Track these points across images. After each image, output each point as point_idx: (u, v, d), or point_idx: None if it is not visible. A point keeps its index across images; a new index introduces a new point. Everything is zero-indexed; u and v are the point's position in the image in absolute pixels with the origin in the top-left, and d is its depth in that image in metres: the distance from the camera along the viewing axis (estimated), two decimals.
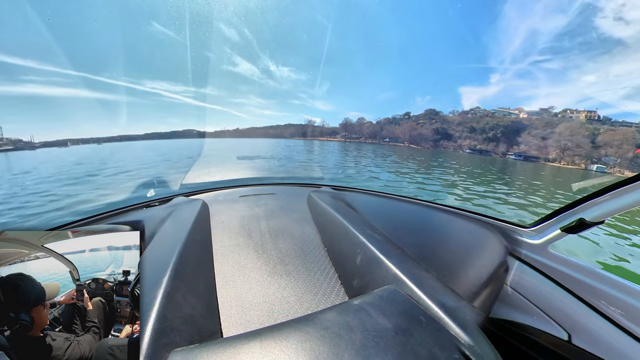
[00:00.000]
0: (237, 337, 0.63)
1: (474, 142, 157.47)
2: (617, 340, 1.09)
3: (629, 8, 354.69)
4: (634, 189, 1.01)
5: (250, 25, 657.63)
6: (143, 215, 1.53)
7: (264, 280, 1.10)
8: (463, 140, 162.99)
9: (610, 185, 1.10)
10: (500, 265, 1.31)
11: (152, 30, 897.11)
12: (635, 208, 1.05)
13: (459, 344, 0.65)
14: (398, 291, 0.84)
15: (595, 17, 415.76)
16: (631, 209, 1.06)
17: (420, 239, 1.44)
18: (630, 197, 1.04)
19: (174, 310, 0.74)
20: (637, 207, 1.04)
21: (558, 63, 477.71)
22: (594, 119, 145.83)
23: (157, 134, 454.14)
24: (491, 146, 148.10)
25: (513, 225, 1.54)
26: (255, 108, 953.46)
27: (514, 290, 1.47)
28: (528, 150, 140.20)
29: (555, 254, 1.35)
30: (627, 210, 1.07)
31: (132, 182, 11.43)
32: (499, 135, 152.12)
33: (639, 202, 1.02)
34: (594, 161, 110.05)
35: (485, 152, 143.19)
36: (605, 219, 1.16)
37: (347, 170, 19.62)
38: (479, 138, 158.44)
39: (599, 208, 1.15)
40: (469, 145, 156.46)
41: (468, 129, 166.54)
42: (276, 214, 1.76)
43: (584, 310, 1.20)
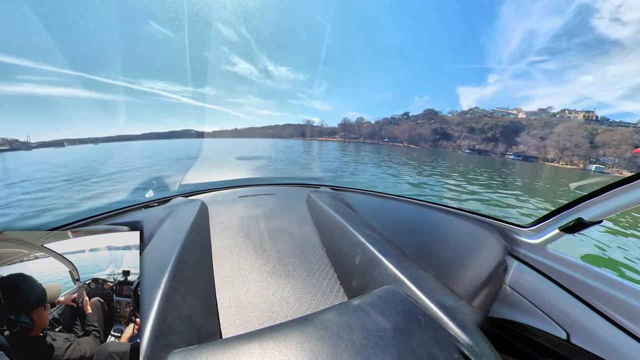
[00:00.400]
0: (237, 337, 0.63)
1: (473, 142, 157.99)
2: (615, 339, 1.11)
3: (626, 9, 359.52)
4: (631, 189, 1.03)
5: (248, 25, 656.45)
6: (142, 216, 1.53)
7: (263, 281, 1.10)
8: (462, 140, 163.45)
9: (608, 185, 1.11)
10: (499, 265, 1.32)
11: (150, 30, 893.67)
12: (632, 207, 1.07)
13: (458, 343, 0.65)
14: (397, 291, 0.85)
15: (592, 18, 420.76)
16: (628, 209, 1.07)
17: (419, 238, 1.45)
18: (627, 197, 1.05)
19: (172, 311, 0.74)
20: (635, 206, 1.05)
21: (555, 63, 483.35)
22: (591, 119, 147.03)
23: (154, 134, 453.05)
24: (490, 146, 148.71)
25: (512, 225, 1.56)
26: (253, 108, 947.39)
27: (512, 290, 1.49)
28: (527, 150, 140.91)
29: (554, 254, 1.37)
30: (624, 209, 1.08)
31: (125, 185, 11.10)
32: (498, 136, 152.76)
33: (637, 202, 1.03)
34: (592, 161, 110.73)
35: (485, 152, 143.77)
36: (603, 219, 1.17)
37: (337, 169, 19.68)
38: (477, 138, 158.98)
39: (596, 208, 1.16)
40: (468, 145, 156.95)
41: (467, 129, 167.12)
42: (275, 215, 1.76)
43: (583, 310, 1.21)
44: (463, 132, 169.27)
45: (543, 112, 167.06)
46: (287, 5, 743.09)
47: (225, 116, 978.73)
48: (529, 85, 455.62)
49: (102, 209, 1.64)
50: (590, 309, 1.20)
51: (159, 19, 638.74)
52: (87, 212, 1.59)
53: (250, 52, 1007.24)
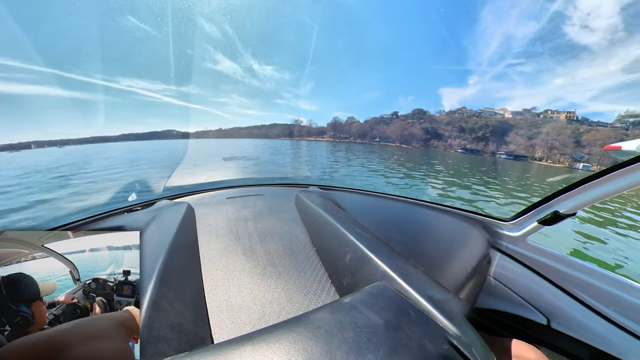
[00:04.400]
0: (228, 342, 0.63)
1: (463, 142, 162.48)
2: (591, 322, 1.24)
3: (594, 17, 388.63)
4: (602, 183, 1.15)
5: (233, 22, 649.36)
6: (124, 221, 1.50)
7: (254, 283, 1.10)
8: (453, 140, 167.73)
9: (580, 180, 1.23)
10: (484, 257, 1.39)
11: (130, 25, 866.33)
12: (603, 200, 1.20)
13: (447, 334, 0.70)
14: (387, 287, 0.88)
15: (564, 24, 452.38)
16: (599, 201, 1.20)
17: (407, 235, 1.50)
18: (598, 190, 1.17)
19: (160, 318, 0.75)
20: (605, 198, 1.18)
21: (531, 66, 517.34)
22: (573, 119, 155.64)
23: (134, 134, 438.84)
24: (481, 145, 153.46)
25: (494, 220, 1.67)
26: (238, 108, 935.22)
27: (496, 281, 1.61)
28: (516, 150, 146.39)
29: (534, 245, 1.49)
30: (596, 202, 1.21)
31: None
32: (488, 135, 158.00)
33: (607, 194, 1.16)
34: (577, 159, 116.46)
35: (477, 151, 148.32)
36: (577, 211, 1.30)
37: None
38: (468, 137, 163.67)
39: (571, 201, 1.28)
40: (459, 144, 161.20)
41: (457, 128, 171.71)
42: (264, 215, 1.77)
43: (561, 297, 1.34)
44: (453, 132, 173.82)
45: (527, 112, 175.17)
46: (274, 4, 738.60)
47: (209, 116, 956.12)
48: (507, 87, 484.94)
49: (77, 216, 1.58)
50: (568, 295, 1.33)
51: (139, 14, 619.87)
52: (60, 219, 1.53)
53: (234, 50, 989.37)
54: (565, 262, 1.35)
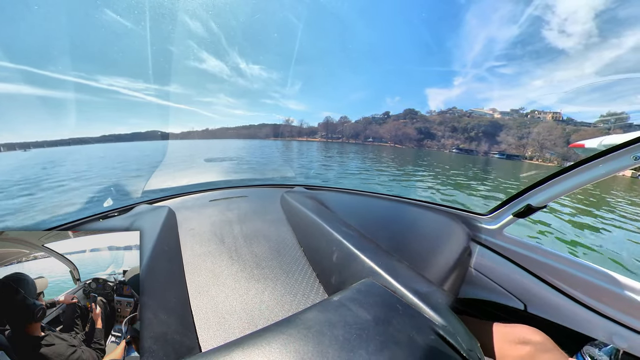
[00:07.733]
0: (217, 349, 0.64)
1: (456, 142, 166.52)
2: (563, 305, 1.39)
3: (571, 22, 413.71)
4: (570, 177, 1.28)
5: (218, 19, 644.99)
6: (99, 228, 1.47)
7: (241, 287, 1.11)
8: (446, 140, 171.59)
9: (550, 175, 1.37)
10: (465, 250, 1.49)
11: (107, 19, 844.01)
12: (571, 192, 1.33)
13: (434, 325, 0.74)
14: (375, 283, 0.92)
15: (543, 28, 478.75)
16: (568, 193, 1.33)
17: (392, 232, 1.57)
18: (567, 184, 1.30)
19: (143, 330, 0.74)
20: (573, 191, 1.31)
21: (512, 68, 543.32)
22: (559, 120, 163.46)
23: (114, 136, 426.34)
24: (474, 145, 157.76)
25: (473, 214, 1.81)
26: (225, 107, 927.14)
27: (477, 272, 1.75)
28: (507, 149, 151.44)
29: (510, 237, 1.64)
30: (565, 194, 1.34)
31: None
32: (480, 135, 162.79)
33: (572, 188, 1.29)
34: (566, 157, 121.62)
35: (471, 151, 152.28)
36: (548, 204, 1.44)
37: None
38: (461, 137, 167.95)
39: (542, 194, 1.41)
40: (452, 144, 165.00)
41: (450, 128, 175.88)
42: (249, 217, 1.77)
43: (536, 284, 1.49)
44: (446, 132, 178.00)
45: (515, 112, 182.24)
46: (258, 1, 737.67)
47: (194, 116, 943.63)
48: (489, 88, 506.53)
49: (47, 224, 1.49)
50: (543, 282, 1.46)
51: (115, 7, 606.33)
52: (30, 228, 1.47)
53: (219, 49, 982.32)
54: (540, 251, 1.50)
